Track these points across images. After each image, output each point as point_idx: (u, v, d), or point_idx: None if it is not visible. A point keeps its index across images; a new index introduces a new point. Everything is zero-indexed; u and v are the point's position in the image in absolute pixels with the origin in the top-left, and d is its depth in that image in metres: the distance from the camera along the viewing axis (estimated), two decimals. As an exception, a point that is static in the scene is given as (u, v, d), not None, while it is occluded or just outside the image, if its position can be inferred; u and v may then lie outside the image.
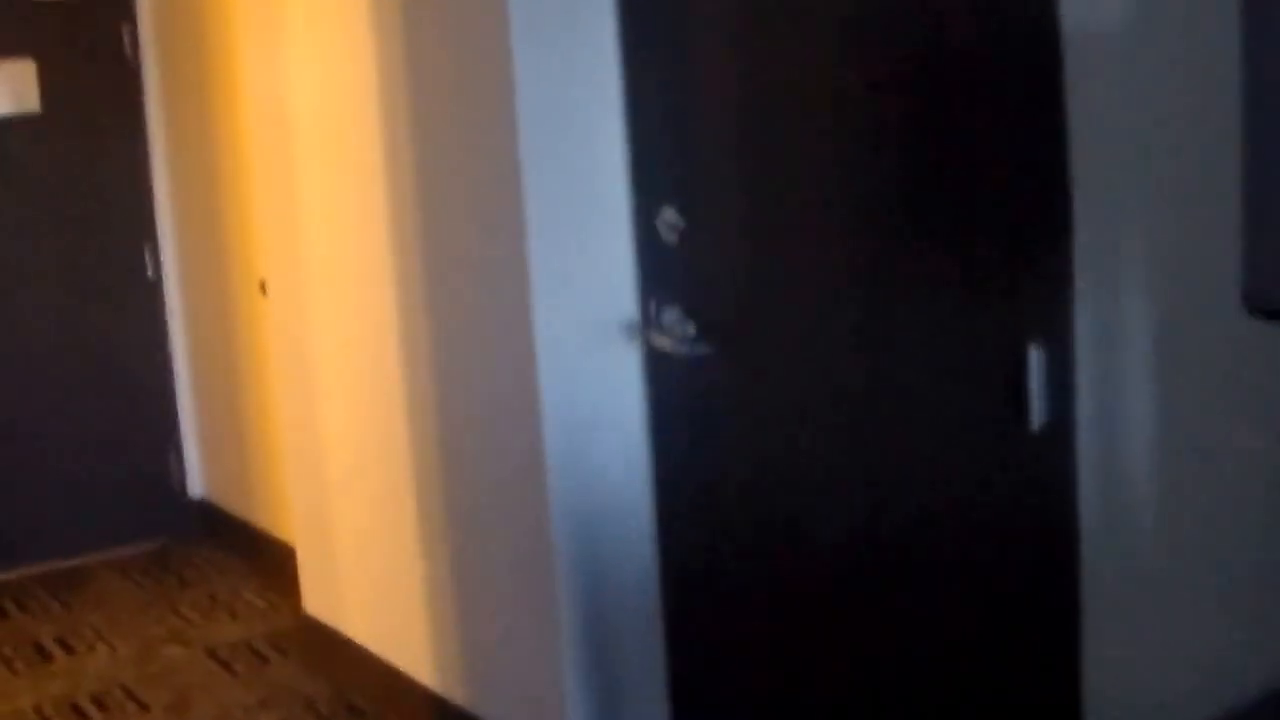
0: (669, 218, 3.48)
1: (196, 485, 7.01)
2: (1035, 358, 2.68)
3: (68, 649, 5.75)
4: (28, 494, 6.63)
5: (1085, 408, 2.63)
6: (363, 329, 4.58)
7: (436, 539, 4.37)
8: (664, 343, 3.55)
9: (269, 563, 6.26)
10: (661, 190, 3.54)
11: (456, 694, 4.35)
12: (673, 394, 3.64)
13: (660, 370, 3.65)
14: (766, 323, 3.33)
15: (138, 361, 6.82)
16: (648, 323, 3.60)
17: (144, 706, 5.21)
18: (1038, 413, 2.69)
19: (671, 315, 3.51)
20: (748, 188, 3.37)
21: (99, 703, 5.26)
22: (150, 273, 6.78)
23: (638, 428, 3.73)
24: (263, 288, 5.49)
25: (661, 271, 3.57)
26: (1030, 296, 2.73)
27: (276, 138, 4.96)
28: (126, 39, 6.63)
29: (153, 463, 6.90)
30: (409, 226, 4.18)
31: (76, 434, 6.70)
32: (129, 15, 6.63)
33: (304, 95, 4.73)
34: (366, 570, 4.87)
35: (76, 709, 5.22)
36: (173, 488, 6.95)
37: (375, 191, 4.32)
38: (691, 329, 3.47)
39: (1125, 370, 2.57)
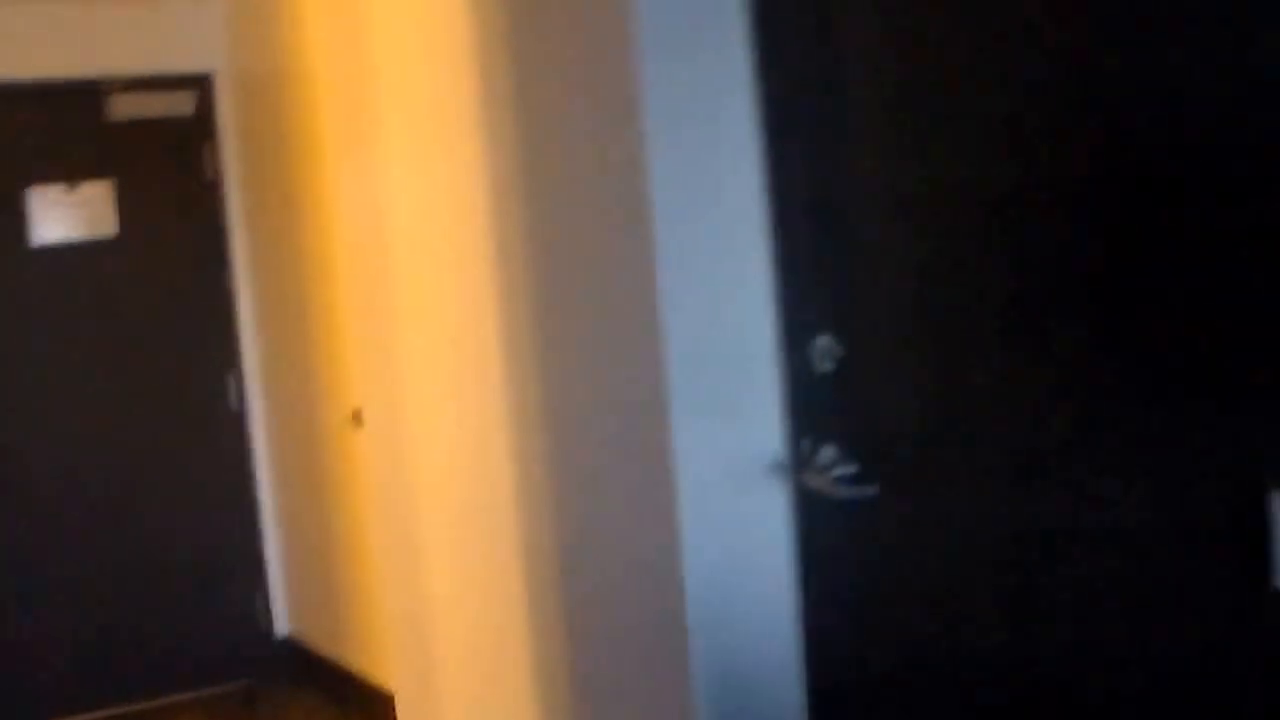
0: (823, 344, 3.12)
1: (283, 624, 6.66)
2: (1278, 505, 2.30)
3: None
4: (109, 633, 6.31)
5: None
6: (471, 466, 4.24)
7: (559, 707, 3.99)
8: (818, 483, 3.17)
9: (361, 707, 5.89)
10: (814, 313, 3.18)
11: None
12: (826, 541, 3.26)
13: (812, 514, 3.27)
14: (943, 460, 2.95)
15: (221, 496, 6.51)
16: (799, 461, 3.23)
17: None
18: (1280, 568, 2.30)
19: (827, 453, 3.14)
20: (919, 306, 2.99)
21: None
22: (233, 403, 6.48)
23: (785, 579, 3.35)
24: (356, 418, 5.17)
25: (815, 404, 3.20)
26: (1271, 434, 2.34)
27: (370, 258, 4.65)
28: (207, 158, 6.39)
29: (238, 600, 6.57)
30: (526, 356, 3.84)
31: (158, 570, 6.38)
32: (210, 133, 6.39)
33: (401, 212, 4.43)
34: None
35: None
36: (259, 626, 6.61)
37: (485, 315, 3.99)
38: (851, 468, 3.10)
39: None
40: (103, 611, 6.31)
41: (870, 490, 3.07)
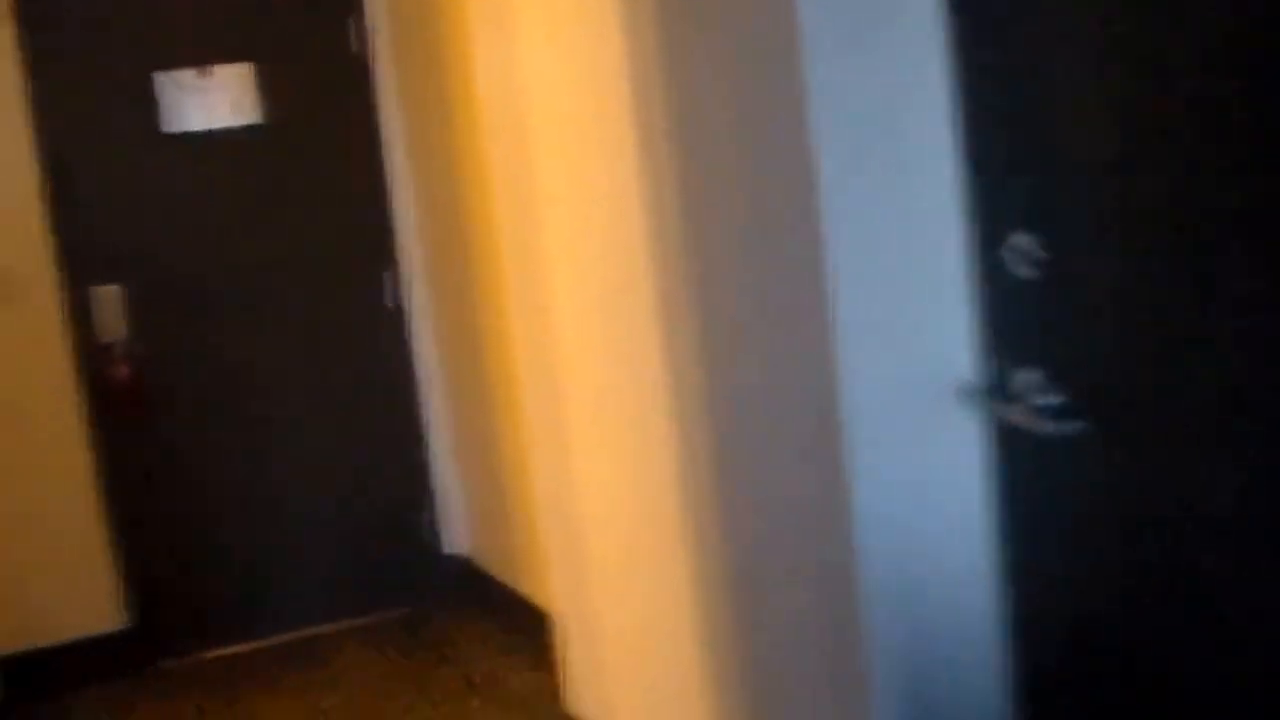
0: (1022, 245, 2.44)
1: (453, 542, 6.17)
2: None
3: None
4: (264, 558, 5.89)
5: None
6: (622, 378, 3.70)
7: (723, 645, 3.47)
8: (1016, 415, 2.51)
9: (532, 635, 5.39)
10: (1011, 207, 2.51)
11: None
12: (1028, 484, 2.61)
13: (1011, 451, 2.62)
14: (1176, 390, 2.25)
15: (381, 403, 6.02)
16: (993, 389, 2.57)
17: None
18: None
19: (1027, 378, 2.47)
20: (1147, 193, 2.27)
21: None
22: (390, 301, 5.96)
23: (974, 528, 2.71)
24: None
25: (1012, 319, 2.53)
26: None
27: (513, 143, 4.14)
28: (353, 33, 5.81)
29: (403, 517, 6.10)
30: (676, 261, 3.27)
31: (315, 487, 5.93)
32: (354, 6, 5.81)
33: (540, 90, 3.87)
34: (639, 671, 4.03)
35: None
36: (426, 545, 6.13)
37: (633, 215, 3.43)
38: (1056, 397, 2.43)
39: None
40: (257, 535, 5.88)
41: (1079, 425, 2.41)
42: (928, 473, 2.67)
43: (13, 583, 5.51)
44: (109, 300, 5.55)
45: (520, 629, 5.54)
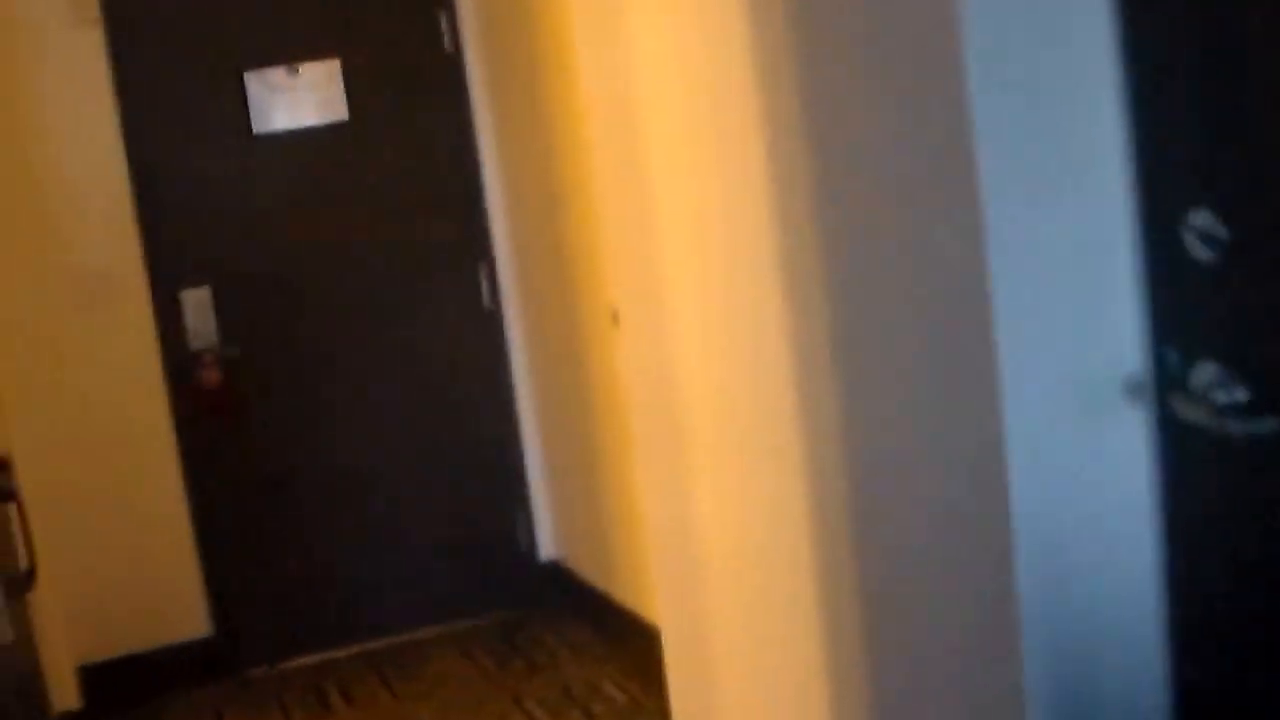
0: (1201, 223, 2.27)
1: (548, 547, 6.04)
2: None
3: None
4: (355, 564, 5.78)
5: None
6: (744, 376, 3.53)
7: (852, 660, 3.30)
8: (1193, 411, 2.34)
9: (631, 643, 5.25)
10: (1189, 181, 2.34)
11: None
12: (1205, 486, 2.44)
13: (1184, 451, 2.45)
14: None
15: (476, 403, 5.89)
16: (1167, 381, 2.40)
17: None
18: None
19: (1206, 371, 2.30)
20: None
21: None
22: (487, 301, 5.84)
23: (1144, 536, 2.54)
24: (614, 318, 4.50)
25: (1189, 305, 2.36)
26: None
27: (622, 137, 3.96)
28: (445, 29, 5.69)
29: (497, 521, 5.97)
30: (807, 244, 3.09)
31: (408, 490, 5.82)
32: (446, 1, 5.69)
33: (653, 85, 3.71)
34: (754, 688, 3.86)
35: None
36: (520, 550, 6.00)
37: (759, 202, 3.26)
38: (1239, 392, 2.26)
39: None
40: (348, 538, 5.77)
41: (1269, 425, 2.24)
42: (1091, 474, 2.50)
43: (99, 590, 5.43)
44: (199, 304, 5.45)
45: (616, 637, 5.41)
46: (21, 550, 2.95)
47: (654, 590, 4.85)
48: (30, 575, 2.88)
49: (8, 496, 2.98)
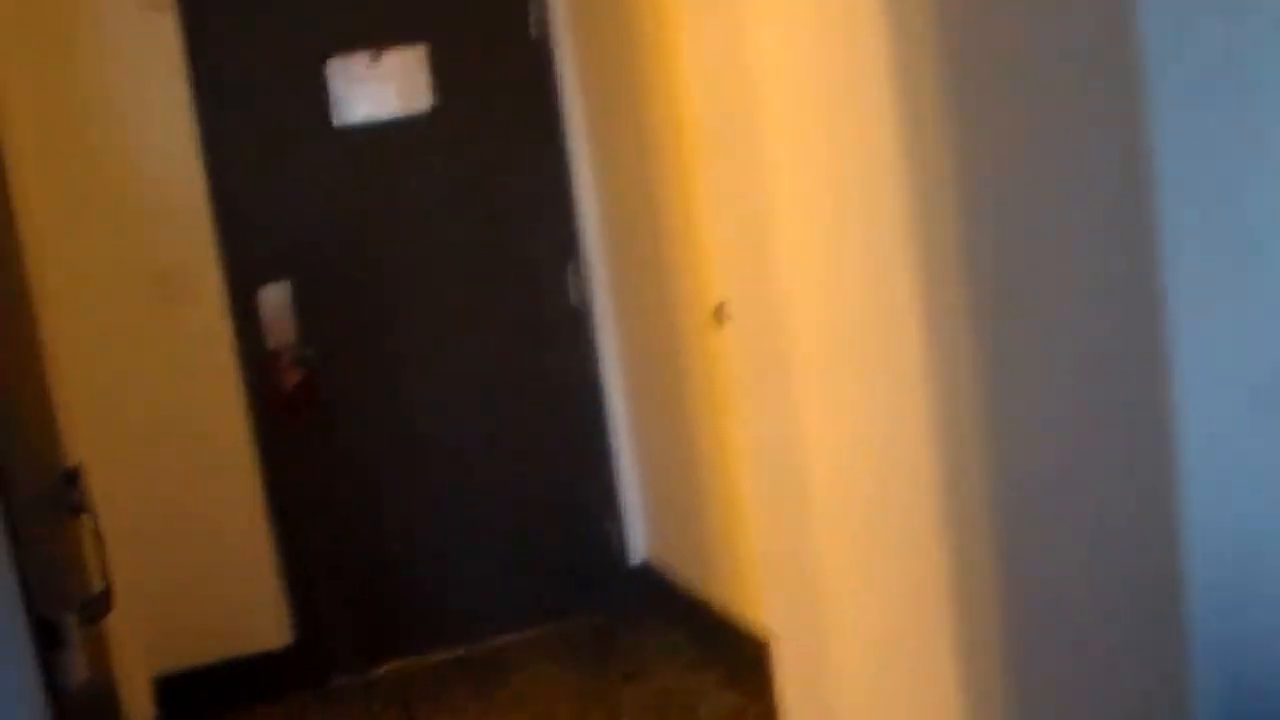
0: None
1: (639, 549, 5.82)
2: None
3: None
4: (440, 568, 5.58)
5: None
6: (869, 373, 3.30)
7: (994, 677, 3.06)
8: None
9: (731, 649, 5.03)
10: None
11: None
12: None
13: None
14: None
15: (565, 403, 5.67)
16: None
17: None
18: None
19: None
20: None
21: None
22: (574, 298, 5.62)
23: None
24: (719, 315, 4.28)
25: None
26: None
27: (735, 126, 3.73)
28: (533, 16, 5.46)
29: (587, 523, 5.75)
30: (946, 226, 2.85)
31: (495, 492, 5.61)
32: (534, -17, 5.48)
33: (776, 71, 3.48)
34: (879, 704, 3.58)
35: None
36: (611, 553, 5.78)
37: (891, 192, 3.03)
38: None
39: None
40: (435, 543, 5.58)
41: None
42: (1269, 477, 2.26)
43: (175, 599, 5.25)
44: (277, 301, 5.26)
45: (714, 643, 5.19)
46: (95, 570, 2.73)
47: (755, 595, 4.64)
48: (105, 597, 2.66)
49: (78, 510, 2.76)
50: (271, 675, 5.38)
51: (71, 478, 3.31)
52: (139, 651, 5.02)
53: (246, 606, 5.38)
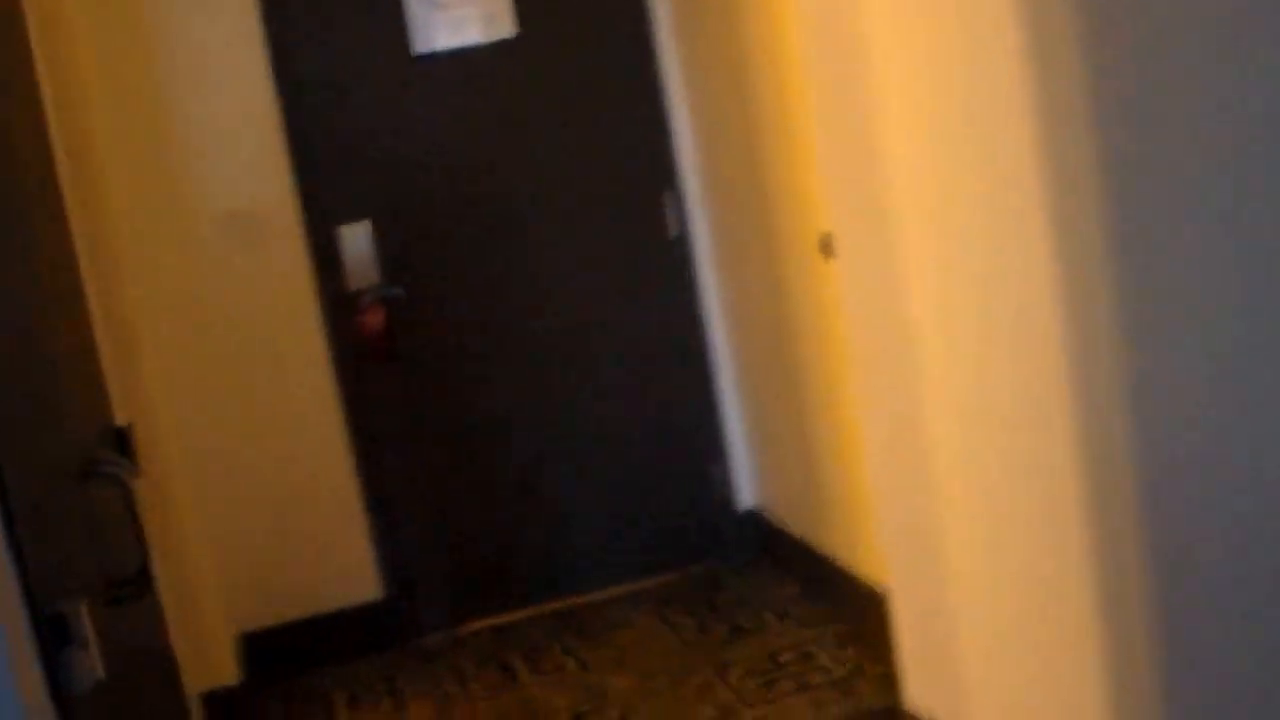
0: None
1: (746, 495, 5.51)
2: None
3: (585, 739, 4.39)
4: (536, 519, 5.31)
5: None
6: (997, 310, 2.99)
7: (1140, 643, 2.74)
8: None
9: (845, 603, 4.72)
10: None
11: None
12: None
13: None
14: None
15: (662, 340, 5.35)
16: None
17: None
18: None
19: None
20: None
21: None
22: (672, 229, 5.29)
23: None
24: (826, 246, 3.95)
25: None
26: None
27: (840, 40, 3.42)
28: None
29: (690, 468, 5.44)
30: (1084, 151, 2.52)
31: (592, 437, 5.32)
32: (624, -107, 5.12)
33: None
34: (1010, 663, 3.32)
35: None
36: (716, 499, 5.47)
37: (1015, 104, 2.70)
38: None
39: None
40: (530, 492, 5.30)
41: None
42: None
43: (258, 554, 5.04)
44: (358, 240, 4.99)
45: (827, 595, 4.89)
46: (141, 541, 2.46)
47: (870, 544, 4.34)
48: (141, 578, 2.39)
49: (124, 475, 2.47)
50: (361, 632, 5.15)
51: (121, 437, 3.06)
52: (220, 610, 4.81)
53: (334, 560, 5.14)
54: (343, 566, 5.14)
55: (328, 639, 5.11)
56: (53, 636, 1.93)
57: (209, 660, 4.61)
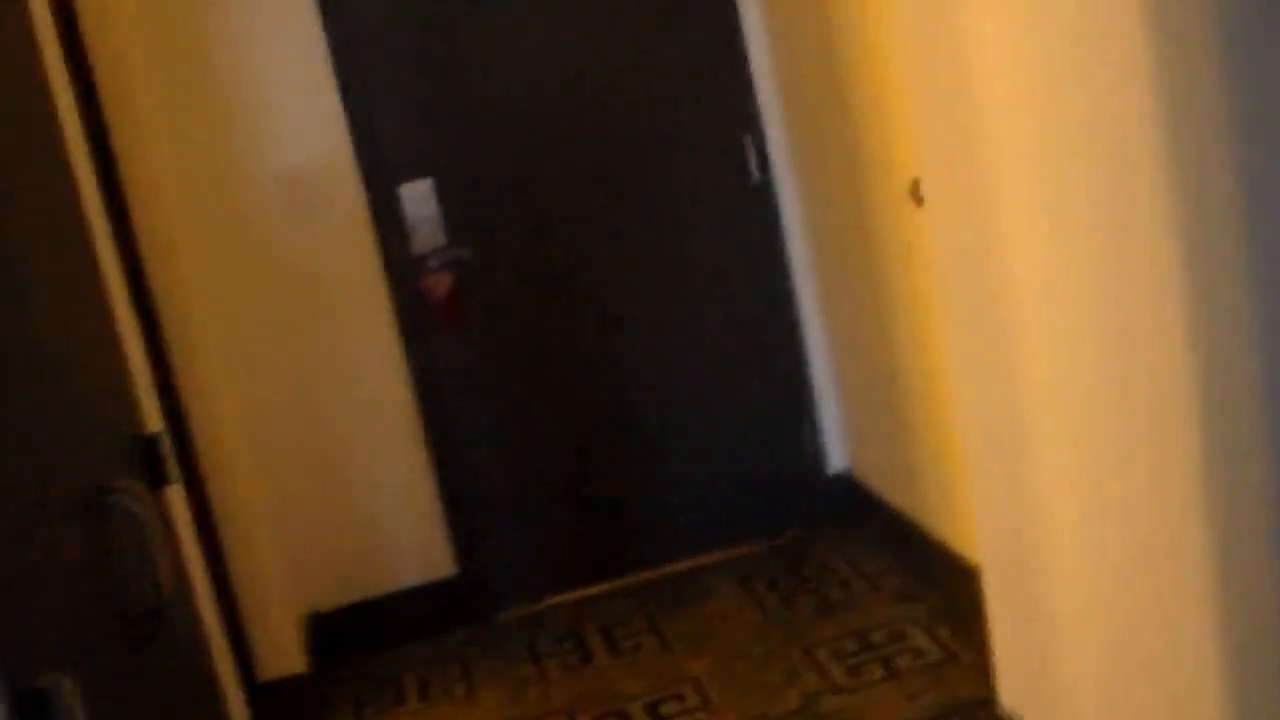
0: None
1: (837, 458, 5.24)
2: None
3: (660, 729, 4.15)
4: (618, 486, 5.06)
5: None
6: (1109, 270, 2.70)
7: (1259, 635, 2.46)
8: None
9: (939, 575, 4.46)
10: None
11: None
12: None
13: None
14: None
15: (747, 295, 5.06)
16: None
17: None
18: None
19: None
20: None
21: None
22: (756, 174, 4.99)
23: None
24: (915, 193, 3.67)
25: None
26: None
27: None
28: None
29: (777, 429, 5.17)
30: (1203, 83, 2.24)
31: (672, 402, 5.06)
32: None
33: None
34: (1113, 669, 3.05)
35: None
36: (805, 461, 5.20)
37: (1128, 35, 2.42)
38: None
39: None
40: (609, 461, 5.05)
41: None
42: None
43: (327, 532, 4.87)
44: (421, 199, 4.73)
45: (920, 567, 4.61)
46: (157, 574, 2.20)
47: (963, 515, 4.07)
48: (154, 616, 2.14)
49: (117, 508, 2.18)
50: (433, 609, 4.95)
51: (150, 447, 2.81)
52: (288, 597, 4.62)
53: (405, 537, 4.94)
54: (414, 542, 4.94)
55: (400, 618, 4.91)
56: (31, 717, 1.70)
57: (277, 647, 4.42)
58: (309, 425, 4.77)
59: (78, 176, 2.71)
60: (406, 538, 4.92)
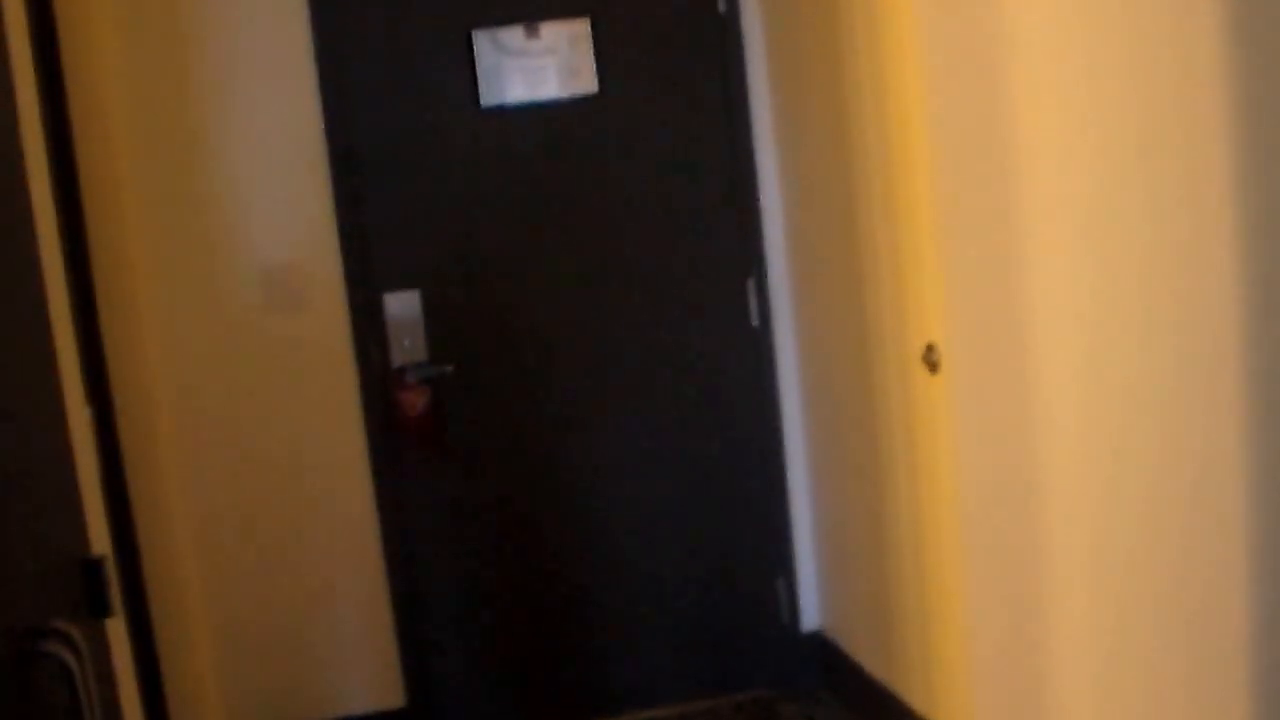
0: None
1: (812, 616, 5.00)
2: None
3: None
4: (582, 627, 4.85)
5: None
6: (1144, 444, 2.52)
7: None
8: None
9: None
10: None
11: None
12: None
13: None
14: None
15: (732, 439, 4.86)
16: None
17: None
18: None
19: None
20: None
21: None
22: (755, 319, 4.80)
23: None
24: (930, 358, 3.48)
25: None
26: None
27: (974, 125, 2.95)
28: (717, -17, 4.66)
29: (753, 583, 4.95)
30: None
31: (647, 544, 4.86)
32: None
33: (1043, 52, 2.73)
34: None
35: None
36: (779, 619, 4.96)
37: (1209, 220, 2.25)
38: None
39: None
40: (578, 601, 4.82)
41: None
42: None
43: (272, 650, 4.63)
44: (405, 311, 4.53)
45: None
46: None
47: (948, 690, 3.86)
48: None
49: (48, 659, 1.93)
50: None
51: (93, 569, 2.55)
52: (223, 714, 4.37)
53: (355, 661, 4.69)
54: (365, 668, 4.70)
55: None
56: None
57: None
58: (264, 544, 4.56)
59: (44, 262, 2.47)
60: (357, 663, 4.68)
